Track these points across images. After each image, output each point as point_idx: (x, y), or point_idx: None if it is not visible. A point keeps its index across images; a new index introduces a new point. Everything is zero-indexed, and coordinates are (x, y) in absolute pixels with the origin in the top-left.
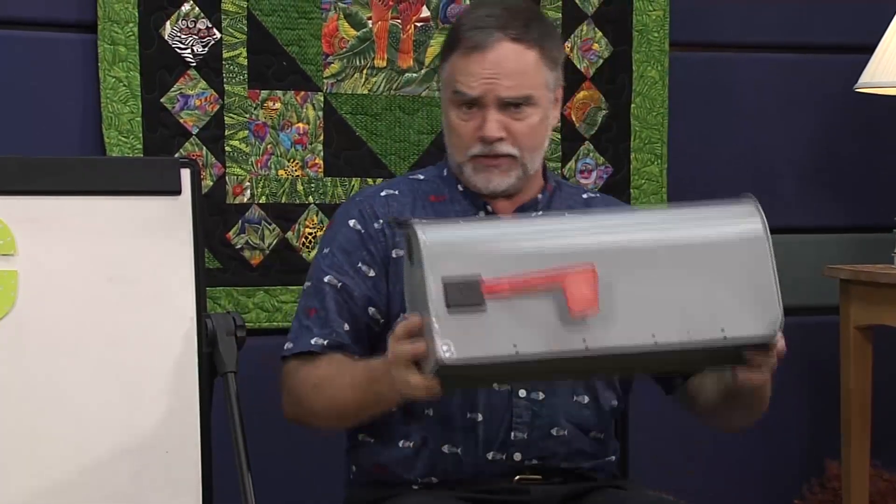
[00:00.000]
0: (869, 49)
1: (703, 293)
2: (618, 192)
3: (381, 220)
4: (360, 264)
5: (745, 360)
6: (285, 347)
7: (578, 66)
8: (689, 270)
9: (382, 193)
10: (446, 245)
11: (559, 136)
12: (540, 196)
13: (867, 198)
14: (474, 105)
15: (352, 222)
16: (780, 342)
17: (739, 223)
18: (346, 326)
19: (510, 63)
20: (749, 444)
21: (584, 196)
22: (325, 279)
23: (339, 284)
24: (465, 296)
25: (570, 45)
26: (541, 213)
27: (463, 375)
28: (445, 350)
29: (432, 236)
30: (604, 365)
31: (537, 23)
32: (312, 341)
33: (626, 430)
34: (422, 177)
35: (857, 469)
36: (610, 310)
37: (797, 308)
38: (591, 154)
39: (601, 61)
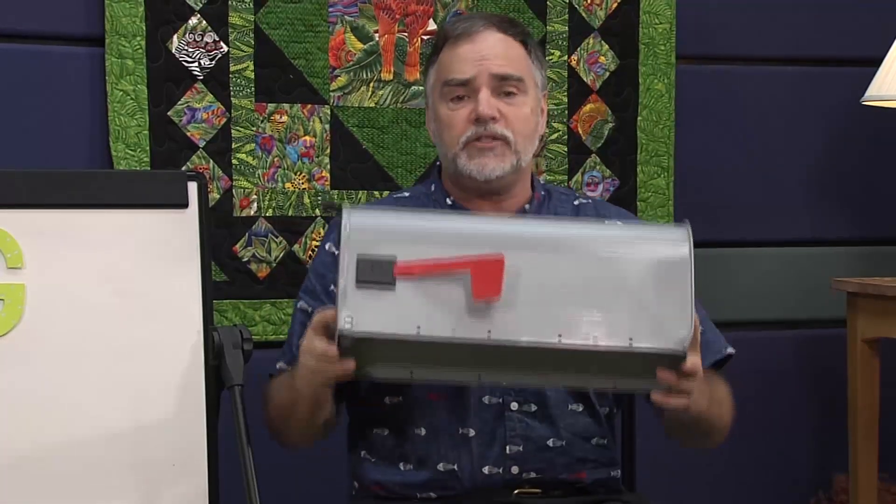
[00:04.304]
0: (876, 62)
1: (616, 301)
2: (624, 204)
3: None
4: (332, 287)
5: (657, 379)
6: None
7: (585, 79)
8: (607, 276)
9: None
10: (368, 226)
11: (566, 149)
12: (528, 206)
13: (874, 210)
14: (466, 94)
15: (328, 245)
16: (693, 363)
17: (666, 242)
18: None
19: (499, 47)
20: (756, 458)
21: (576, 202)
22: (299, 305)
23: (310, 310)
24: (376, 273)
25: (576, 58)
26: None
27: (366, 351)
28: (347, 321)
29: (357, 218)
30: (510, 359)
31: (521, 26)
32: (278, 366)
33: (632, 443)
34: (407, 194)
35: (865, 483)
36: (518, 302)
37: (804, 321)
38: (598, 167)
39: (607, 74)
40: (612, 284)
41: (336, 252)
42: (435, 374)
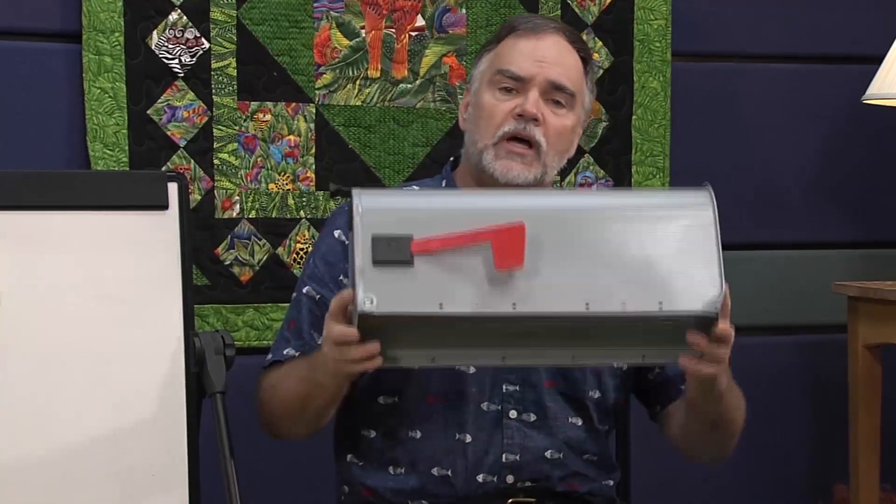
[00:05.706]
0: (876, 60)
1: (643, 266)
2: None
3: None
4: (341, 277)
5: (687, 344)
6: (266, 359)
7: None
8: (632, 242)
9: None
10: (380, 206)
11: None
12: None
13: (875, 213)
14: (515, 88)
15: (337, 233)
16: (724, 327)
17: (690, 205)
18: None
19: (562, 54)
20: (755, 466)
21: None
22: (304, 290)
23: (318, 297)
24: (393, 251)
25: None
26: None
27: (386, 335)
28: (368, 303)
29: (368, 199)
30: (535, 333)
31: (585, 44)
32: (285, 352)
33: (627, 454)
34: (416, 188)
35: (866, 492)
36: (542, 272)
37: (804, 326)
38: (592, 167)
39: (601, 71)
40: (637, 250)
41: (346, 241)
42: (458, 358)
